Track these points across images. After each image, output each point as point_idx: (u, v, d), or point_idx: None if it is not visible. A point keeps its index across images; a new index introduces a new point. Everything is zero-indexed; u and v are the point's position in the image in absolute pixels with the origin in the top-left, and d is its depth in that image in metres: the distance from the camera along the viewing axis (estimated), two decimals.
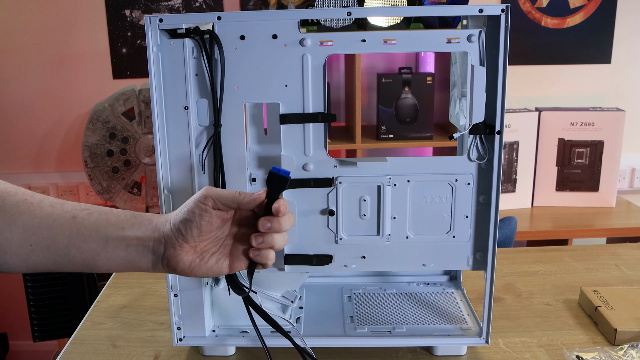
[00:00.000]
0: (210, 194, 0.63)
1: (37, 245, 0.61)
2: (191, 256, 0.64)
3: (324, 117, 0.76)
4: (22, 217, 0.61)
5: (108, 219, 0.63)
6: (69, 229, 0.62)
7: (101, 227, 0.62)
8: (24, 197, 0.62)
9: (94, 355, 0.88)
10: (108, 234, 0.62)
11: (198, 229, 0.63)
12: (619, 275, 1.12)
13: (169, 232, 0.63)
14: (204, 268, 0.65)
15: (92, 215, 0.63)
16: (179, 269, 0.64)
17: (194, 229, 0.63)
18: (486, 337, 0.82)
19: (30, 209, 0.61)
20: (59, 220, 0.62)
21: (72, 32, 2.09)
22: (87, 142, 1.95)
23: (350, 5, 1.66)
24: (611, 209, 1.96)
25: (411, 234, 0.81)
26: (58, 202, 0.63)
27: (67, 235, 0.62)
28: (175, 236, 0.63)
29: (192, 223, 0.63)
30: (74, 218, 0.62)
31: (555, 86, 2.19)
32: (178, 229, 0.63)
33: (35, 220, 0.61)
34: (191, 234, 0.63)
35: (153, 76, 0.74)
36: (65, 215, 0.62)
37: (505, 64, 0.73)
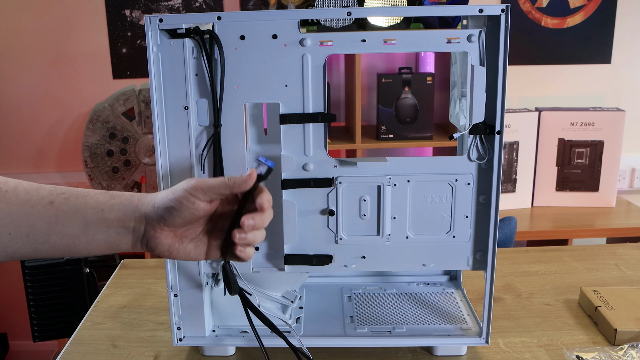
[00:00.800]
0: (200, 185, 0.62)
1: (15, 233, 0.60)
2: (170, 240, 0.64)
3: (324, 117, 0.76)
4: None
5: (86, 202, 0.62)
6: (47, 216, 0.61)
7: (80, 210, 0.61)
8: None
9: (94, 355, 0.88)
10: (87, 217, 0.62)
11: (181, 218, 0.62)
12: (619, 275, 1.12)
13: (151, 213, 0.62)
14: (182, 252, 0.65)
15: (69, 199, 0.62)
16: (157, 251, 0.64)
17: (177, 218, 0.62)
18: (486, 337, 0.82)
19: (6, 197, 0.60)
20: (37, 207, 0.60)
21: (72, 32, 2.09)
22: (87, 142, 1.95)
23: (350, 5, 1.66)
24: (611, 209, 1.96)
25: (411, 234, 0.81)
26: (33, 188, 0.62)
27: (46, 222, 0.61)
28: (157, 219, 0.62)
29: (176, 212, 0.62)
30: (52, 203, 0.61)
31: (555, 86, 2.19)
32: (161, 214, 0.62)
33: (12, 208, 0.60)
34: (173, 221, 0.62)
35: (153, 76, 0.74)
36: (42, 201, 0.61)
37: (505, 64, 0.73)
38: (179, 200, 0.62)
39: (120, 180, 1.98)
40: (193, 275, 0.81)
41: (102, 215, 0.62)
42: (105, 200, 0.63)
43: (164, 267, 0.80)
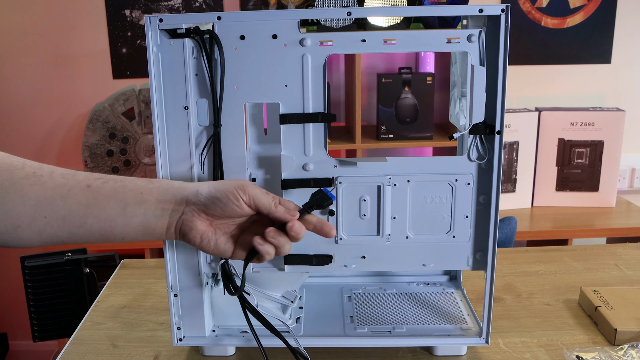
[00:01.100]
0: (249, 191, 0.65)
1: (51, 217, 0.60)
2: (205, 227, 0.65)
3: (324, 117, 0.76)
4: (33, 189, 0.59)
5: (124, 185, 0.63)
6: (85, 198, 0.61)
7: (119, 193, 0.62)
8: (33, 170, 0.61)
9: (94, 355, 0.88)
10: (127, 199, 0.62)
11: (222, 210, 0.65)
12: (619, 275, 1.12)
13: (193, 198, 0.64)
14: (212, 243, 0.66)
15: (107, 182, 0.63)
16: (190, 235, 0.65)
17: (218, 209, 0.64)
18: (486, 337, 0.82)
19: (42, 180, 0.60)
20: (74, 190, 0.61)
21: (72, 32, 2.09)
22: (87, 142, 1.95)
23: (350, 5, 1.66)
24: (611, 209, 1.96)
25: (411, 234, 0.81)
26: (69, 173, 0.62)
27: (84, 204, 0.61)
28: (198, 205, 0.64)
29: (220, 203, 0.64)
30: (89, 187, 0.61)
31: (555, 86, 2.19)
32: (204, 202, 0.64)
33: (48, 192, 0.60)
34: (214, 211, 0.65)
35: (153, 76, 0.74)
36: (80, 184, 0.61)
37: (505, 64, 0.73)
38: (227, 195, 0.64)
39: None
40: (193, 275, 0.81)
41: (141, 197, 0.63)
42: (144, 185, 0.64)
43: (164, 267, 0.80)
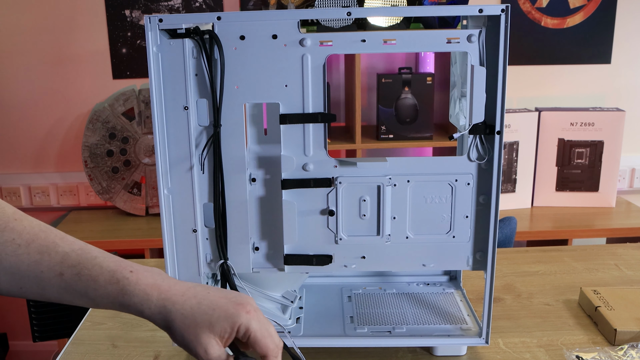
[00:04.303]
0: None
1: (27, 289, 0.60)
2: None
3: (324, 117, 0.76)
4: (8, 259, 0.59)
5: (96, 288, 0.59)
6: (57, 285, 0.60)
7: (89, 294, 0.60)
8: (12, 237, 0.59)
9: (94, 355, 0.88)
10: (98, 302, 0.60)
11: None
12: (619, 275, 1.12)
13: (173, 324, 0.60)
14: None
15: (80, 280, 0.59)
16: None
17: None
18: (486, 337, 0.82)
19: (17, 252, 0.59)
20: (47, 274, 0.59)
21: (72, 32, 2.09)
22: (87, 142, 1.95)
23: (350, 5, 1.66)
24: (611, 209, 1.96)
25: (411, 234, 0.81)
26: (46, 249, 0.60)
27: (56, 291, 0.60)
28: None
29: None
30: (62, 276, 0.60)
31: (555, 86, 2.19)
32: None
33: (22, 266, 0.59)
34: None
35: (153, 76, 0.74)
36: (53, 269, 0.59)
37: (505, 64, 0.73)
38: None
39: (120, 181, 1.98)
40: (193, 275, 0.81)
41: (112, 305, 0.61)
42: (115, 296, 0.59)
43: (164, 267, 0.80)
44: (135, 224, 1.97)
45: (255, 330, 0.58)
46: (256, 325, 0.59)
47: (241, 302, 0.59)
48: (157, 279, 0.60)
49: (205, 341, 0.58)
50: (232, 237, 0.80)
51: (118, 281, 0.59)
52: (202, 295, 0.60)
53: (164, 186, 0.78)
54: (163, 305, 0.59)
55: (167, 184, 0.78)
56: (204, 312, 0.58)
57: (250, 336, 0.58)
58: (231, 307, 0.59)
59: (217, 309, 0.59)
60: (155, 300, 0.59)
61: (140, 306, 0.59)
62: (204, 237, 0.80)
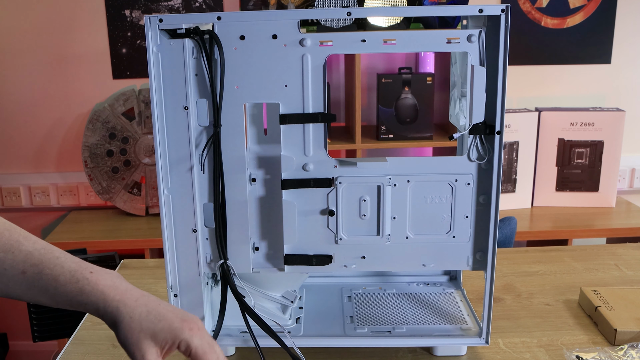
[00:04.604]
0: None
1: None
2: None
3: (324, 117, 0.76)
4: None
5: (56, 287, 0.61)
6: (19, 282, 0.62)
7: (50, 292, 0.62)
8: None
9: (94, 355, 0.88)
10: (58, 300, 0.62)
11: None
12: (619, 275, 1.12)
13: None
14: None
15: (41, 278, 0.62)
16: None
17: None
18: (486, 337, 0.82)
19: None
20: (10, 272, 0.61)
21: (72, 32, 2.09)
22: (87, 142, 1.95)
23: (350, 5, 1.66)
24: (611, 209, 1.96)
25: (411, 234, 0.81)
26: (11, 247, 0.62)
27: (19, 287, 0.62)
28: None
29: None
30: (24, 274, 0.62)
31: (555, 86, 2.19)
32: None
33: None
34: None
35: (153, 76, 0.74)
36: (15, 267, 0.61)
37: (505, 64, 0.73)
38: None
39: (120, 181, 1.98)
40: (193, 275, 0.81)
41: (70, 304, 0.63)
42: (73, 296, 0.62)
43: (164, 267, 0.80)
44: (135, 224, 1.97)
45: (196, 347, 0.61)
46: (198, 342, 0.61)
47: (187, 319, 0.62)
48: (116, 281, 0.63)
49: (145, 348, 0.60)
50: (232, 237, 0.80)
51: (77, 281, 0.62)
52: (152, 305, 0.63)
53: (164, 186, 0.78)
54: (116, 306, 0.62)
55: (167, 184, 0.78)
56: (151, 321, 0.61)
57: (192, 352, 0.61)
58: (177, 322, 0.62)
59: (163, 320, 0.61)
60: (110, 301, 0.62)
61: (96, 306, 0.62)
62: (204, 237, 0.80)
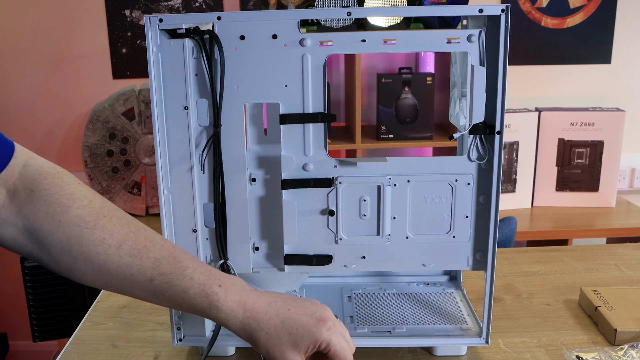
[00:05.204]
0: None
1: (112, 286, 0.62)
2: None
3: (324, 117, 0.76)
4: (98, 257, 0.60)
5: (184, 298, 0.62)
6: (146, 289, 0.62)
7: (177, 302, 0.63)
8: (102, 236, 0.60)
9: (94, 355, 0.88)
10: (184, 308, 0.64)
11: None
12: (619, 275, 1.12)
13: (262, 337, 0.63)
14: None
15: (170, 288, 0.62)
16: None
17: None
18: (486, 337, 0.82)
19: (108, 252, 0.60)
20: (137, 277, 0.61)
21: (72, 32, 2.09)
22: (87, 142, 1.95)
23: (350, 5, 1.66)
24: (611, 209, 1.96)
25: (411, 234, 0.81)
26: (138, 252, 0.62)
27: (144, 293, 0.63)
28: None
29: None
30: (152, 281, 0.62)
31: (555, 86, 2.19)
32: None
33: (112, 266, 0.61)
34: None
35: (153, 76, 0.74)
36: (143, 274, 0.62)
37: (505, 64, 0.73)
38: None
39: (120, 181, 1.98)
40: None
41: (200, 314, 0.64)
42: (203, 309, 0.63)
43: None
44: None
45: (335, 344, 0.63)
46: (336, 339, 0.63)
47: (322, 318, 0.64)
48: (243, 295, 0.64)
49: (290, 358, 0.62)
50: (232, 237, 0.80)
51: (207, 295, 0.62)
52: (284, 314, 0.63)
53: (164, 186, 0.78)
54: (248, 323, 0.63)
55: (167, 184, 0.78)
56: (288, 332, 0.62)
57: (331, 350, 0.63)
58: (313, 325, 0.63)
59: (300, 327, 0.63)
60: (241, 318, 0.63)
61: (227, 322, 0.63)
62: (204, 237, 0.80)
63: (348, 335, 0.66)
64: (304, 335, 0.62)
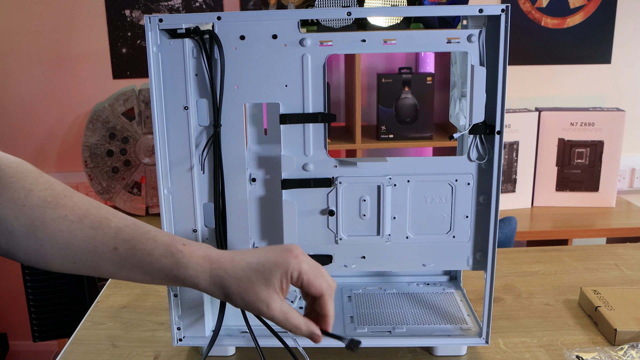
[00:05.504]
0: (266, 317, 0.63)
1: (80, 265, 0.61)
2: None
3: (324, 117, 0.76)
4: (62, 235, 0.60)
5: (151, 262, 0.61)
6: (111, 260, 0.61)
7: (145, 267, 0.62)
8: (64, 213, 0.61)
9: (94, 355, 0.88)
10: (153, 275, 0.62)
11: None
12: (619, 275, 1.12)
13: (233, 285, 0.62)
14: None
15: (134, 254, 0.61)
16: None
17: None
18: (486, 337, 0.82)
19: (71, 228, 0.60)
20: (101, 249, 0.61)
21: (72, 32, 2.09)
22: (87, 142, 1.95)
23: (350, 5, 1.66)
24: (611, 209, 1.96)
25: (411, 234, 0.81)
26: (99, 224, 0.61)
27: (111, 265, 0.62)
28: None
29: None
30: (116, 250, 0.61)
31: (555, 86, 2.19)
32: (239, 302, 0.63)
33: (76, 242, 0.60)
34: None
35: (153, 76, 0.74)
36: (107, 244, 0.61)
37: (505, 64, 0.73)
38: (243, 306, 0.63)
39: (120, 181, 1.98)
40: None
41: (167, 279, 0.63)
42: (170, 269, 0.62)
43: None
44: None
45: (306, 272, 0.62)
46: (306, 267, 0.62)
47: (288, 249, 0.63)
48: (207, 250, 0.63)
49: (266, 296, 0.61)
50: (232, 237, 0.80)
51: (172, 254, 0.62)
52: (249, 256, 0.63)
53: (164, 186, 0.78)
54: (216, 274, 0.62)
55: (167, 184, 0.78)
56: (256, 270, 0.61)
57: (304, 280, 0.62)
58: (279, 256, 0.62)
59: (267, 262, 0.61)
60: (209, 271, 0.62)
61: (196, 279, 0.62)
62: (204, 237, 0.80)
63: (324, 270, 0.64)
64: (272, 269, 0.61)
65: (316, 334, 0.64)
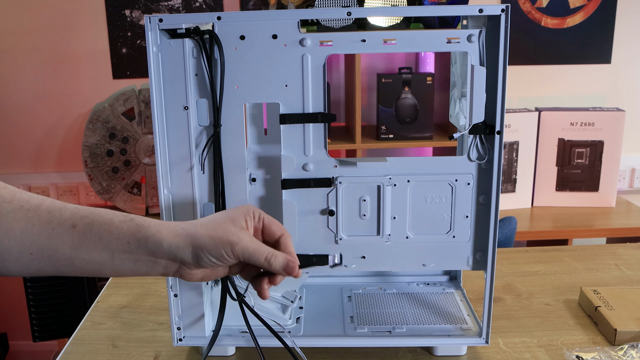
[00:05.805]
0: (239, 250, 0.63)
1: (37, 254, 0.59)
2: (202, 273, 0.66)
3: (324, 117, 0.76)
4: (19, 225, 0.58)
5: (110, 231, 0.60)
6: (70, 239, 0.60)
7: (104, 239, 0.60)
8: (20, 204, 0.59)
9: (94, 355, 0.88)
10: (113, 247, 0.61)
11: (214, 270, 0.66)
12: (619, 275, 1.12)
13: (187, 259, 0.63)
14: (214, 277, 0.67)
15: (93, 225, 0.60)
16: (188, 278, 0.66)
17: (210, 272, 0.66)
18: (486, 337, 0.82)
19: (27, 216, 0.59)
20: (58, 230, 0.59)
21: (72, 32, 2.09)
22: (87, 142, 1.95)
23: (350, 5, 1.66)
24: (611, 209, 1.96)
25: (411, 234, 0.81)
26: (56, 208, 0.60)
27: (69, 246, 0.60)
28: (192, 265, 0.63)
29: (211, 269, 0.65)
30: (74, 227, 0.60)
31: (555, 86, 2.19)
32: (196, 264, 0.63)
33: (34, 228, 0.59)
34: (207, 271, 0.66)
35: (153, 76, 0.74)
36: (64, 223, 0.60)
37: (505, 64, 0.73)
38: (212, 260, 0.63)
39: (120, 180, 1.98)
40: None
41: (128, 247, 0.61)
42: (132, 233, 0.61)
43: None
44: None
45: (265, 214, 0.68)
46: (263, 212, 0.68)
47: (244, 204, 0.68)
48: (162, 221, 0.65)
49: (235, 230, 0.63)
50: None
51: (132, 219, 0.62)
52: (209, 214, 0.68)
53: (164, 186, 0.78)
54: (180, 227, 0.63)
55: (167, 184, 0.78)
56: (220, 215, 0.65)
57: (265, 220, 0.67)
58: (238, 207, 0.67)
59: (229, 211, 0.66)
60: (173, 226, 0.63)
61: (159, 234, 0.62)
62: None
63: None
64: (235, 212, 0.65)
65: (291, 259, 0.66)
